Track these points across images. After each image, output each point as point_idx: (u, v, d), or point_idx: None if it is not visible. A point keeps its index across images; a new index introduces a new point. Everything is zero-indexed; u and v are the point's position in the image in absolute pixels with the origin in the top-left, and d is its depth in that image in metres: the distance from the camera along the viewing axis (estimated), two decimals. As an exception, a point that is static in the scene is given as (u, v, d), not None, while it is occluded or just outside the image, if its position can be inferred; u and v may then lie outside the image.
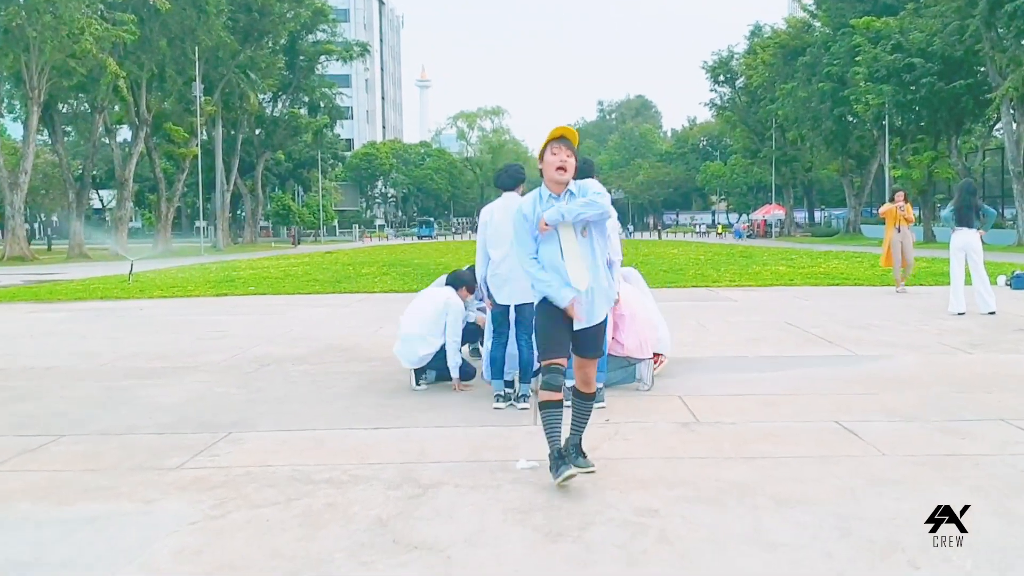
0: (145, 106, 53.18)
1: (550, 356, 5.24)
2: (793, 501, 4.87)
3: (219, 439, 6.47)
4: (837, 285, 19.86)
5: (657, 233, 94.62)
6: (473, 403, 7.63)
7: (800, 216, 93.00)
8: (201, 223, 65.59)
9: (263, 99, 72.53)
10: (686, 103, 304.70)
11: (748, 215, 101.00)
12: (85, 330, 13.53)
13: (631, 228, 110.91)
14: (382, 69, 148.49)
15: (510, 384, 7.94)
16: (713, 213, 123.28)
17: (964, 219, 13.57)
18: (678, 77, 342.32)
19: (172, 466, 5.79)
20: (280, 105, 77.12)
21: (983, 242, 13.97)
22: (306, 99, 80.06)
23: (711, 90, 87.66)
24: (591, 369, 5.38)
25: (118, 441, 6.47)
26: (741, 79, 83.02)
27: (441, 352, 8.23)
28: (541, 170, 5.45)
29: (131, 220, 72.78)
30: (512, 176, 7.65)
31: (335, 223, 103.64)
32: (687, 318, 12.60)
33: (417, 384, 8.29)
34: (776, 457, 5.77)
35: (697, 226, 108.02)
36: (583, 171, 6.61)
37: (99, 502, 5.06)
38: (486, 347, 7.84)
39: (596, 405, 7.16)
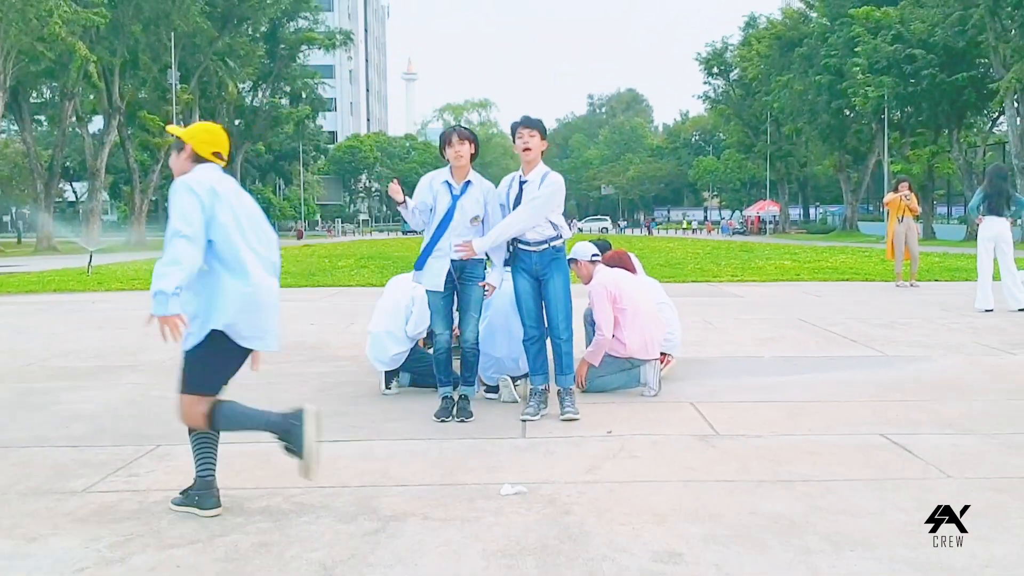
0: (118, 93, 51.86)
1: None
2: (852, 542, 3.88)
3: (142, 454, 5.46)
4: (847, 280, 18.97)
5: (647, 230, 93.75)
6: (451, 410, 6.62)
7: (795, 213, 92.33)
8: (177, 217, 64.30)
9: (242, 88, 71.26)
10: (678, 96, 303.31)
11: (741, 211, 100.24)
12: (24, 325, 12.48)
13: (622, 224, 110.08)
14: (366, 60, 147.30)
15: (494, 389, 6.97)
16: (705, 209, 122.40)
17: (995, 207, 12.59)
18: (670, 70, 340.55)
19: (76, 489, 4.78)
20: (260, 95, 75.85)
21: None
22: (287, 89, 78.89)
23: (704, 83, 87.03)
24: None
25: (17, 457, 5.43)
26: (736, 71, 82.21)
27: (416, 353, 7.23)
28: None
29: (106, 213, 71.72)
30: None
31: (317, 217, 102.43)
32: (690, 315, 11.63)
33: (387, 388, 7.27)
34: (820, 480, 4.79)
35: (685, 222, 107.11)
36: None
37: (-35, 540, 4.04)
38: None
39: (570, 415, 6.23)
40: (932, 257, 25.84)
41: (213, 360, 4.40)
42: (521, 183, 6.30)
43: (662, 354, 7.48)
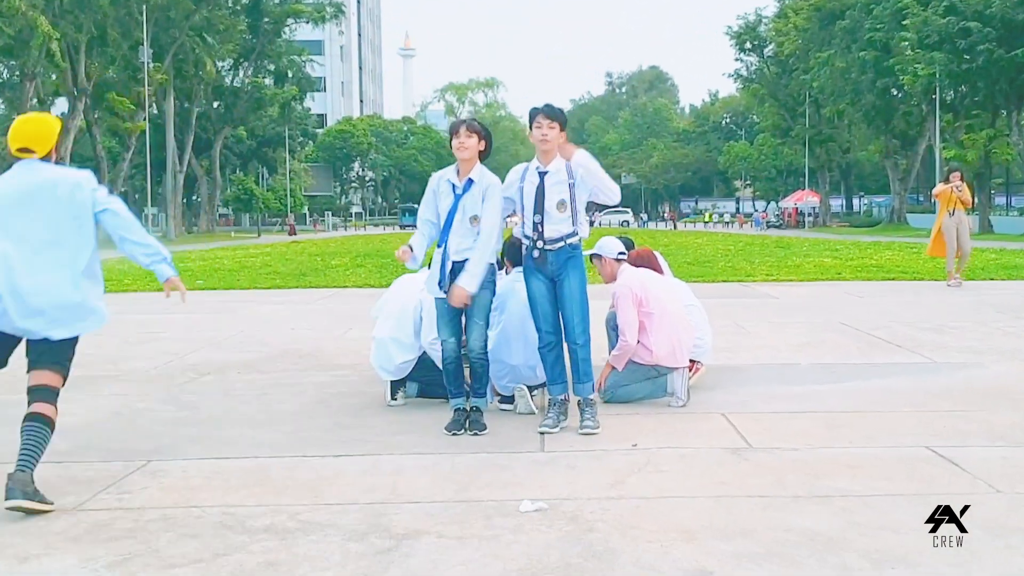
0: (84, 73, 52.25)
1: None
2: (894, 559, 4.10)
3: (133, 470, 5.68)
4: (894, 280, 19.19)
5: (672, 223, 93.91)
6: (462, 423, 6.85)
7: (836, 204, 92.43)
8: (150, 210, 64.77)
9: (222, 67, 71.72)
10: (707, 75, 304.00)
11: (777, 202, 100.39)
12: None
13: (644, 217, 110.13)
14: (359, 35, 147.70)
15: (509, 400, 7.18)
16: (738, 200, 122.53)
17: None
18: (698, 45, 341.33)
19: (65, 507, 5.00)
20: (242, 74, 76.33)
21: None
22: (272, 67, 79.36)
23: (736, 59, 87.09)
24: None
25: None
26: (770, 47, 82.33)
27: (423, 361, 7.43)
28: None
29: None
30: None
31: (305, 210, 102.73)
32: (721, 318, 11.82)
33: (393, 399, 7.49)
34: (859, 495, 5.00)
35: (707, 215, 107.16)
36: None
37: (-45, 560, 4.27)
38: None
39: (588, 430, 6.44)
40: (988, 254, 26.02)
41: None
42: (541, 174, 6.51)
43: (691, 361, 7.69)
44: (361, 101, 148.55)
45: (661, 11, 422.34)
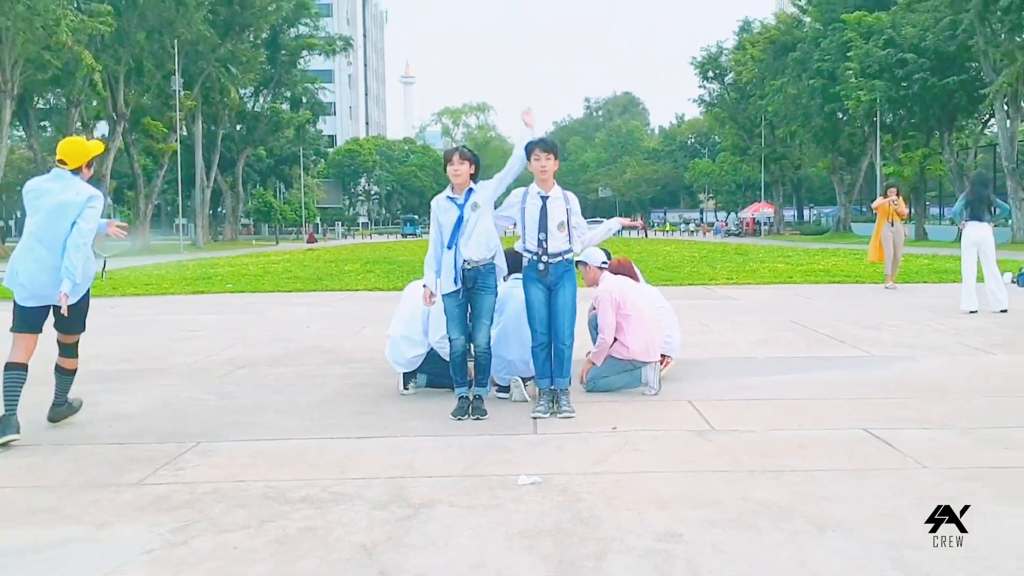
0: (123, 100, 52.29)
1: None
2: (834, 524, 4.32)
3: (185, 450, 5.88)
4: (838, 283, 19.39)
5: (643, 232, 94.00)
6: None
7: (789, 214, 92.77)
8: (180, 220, 64.80)
9: (244, 94, 71.65)
10: (674, 100, 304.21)
11: (737, 213, 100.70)
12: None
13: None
14: (365, 65, 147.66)
15: (505, 389, 7.41)
16: (702, 211, 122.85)
17: (976, 212, 13.07)
18: (666, 74, 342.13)
19: (130, 482, 5.20)
20: (261, 100, 76.20)
21: None
22: (288, 94, 79.21)
23: (700, 86, 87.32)
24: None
25: (70, 453, 5.86)
26: (730, 75, 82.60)
27: (432, 355, 7.64)
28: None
29: (109, 217, 71.82)
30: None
31: (317, 220, 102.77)
32: (689, 318, 12.02)
33: (405, 388, 7.70)
34: (805, 471, 5.23)
35: (668, 224, 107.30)
36: None
37: (40, 527, 4.47)
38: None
39: (567, 414, 6.69)
40: (921, 259, 26.29)
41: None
42: (543, 198, 6.77)
43: (662, 356, 7.91)
44: (367, 123, 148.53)
45: (634, 43, 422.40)
